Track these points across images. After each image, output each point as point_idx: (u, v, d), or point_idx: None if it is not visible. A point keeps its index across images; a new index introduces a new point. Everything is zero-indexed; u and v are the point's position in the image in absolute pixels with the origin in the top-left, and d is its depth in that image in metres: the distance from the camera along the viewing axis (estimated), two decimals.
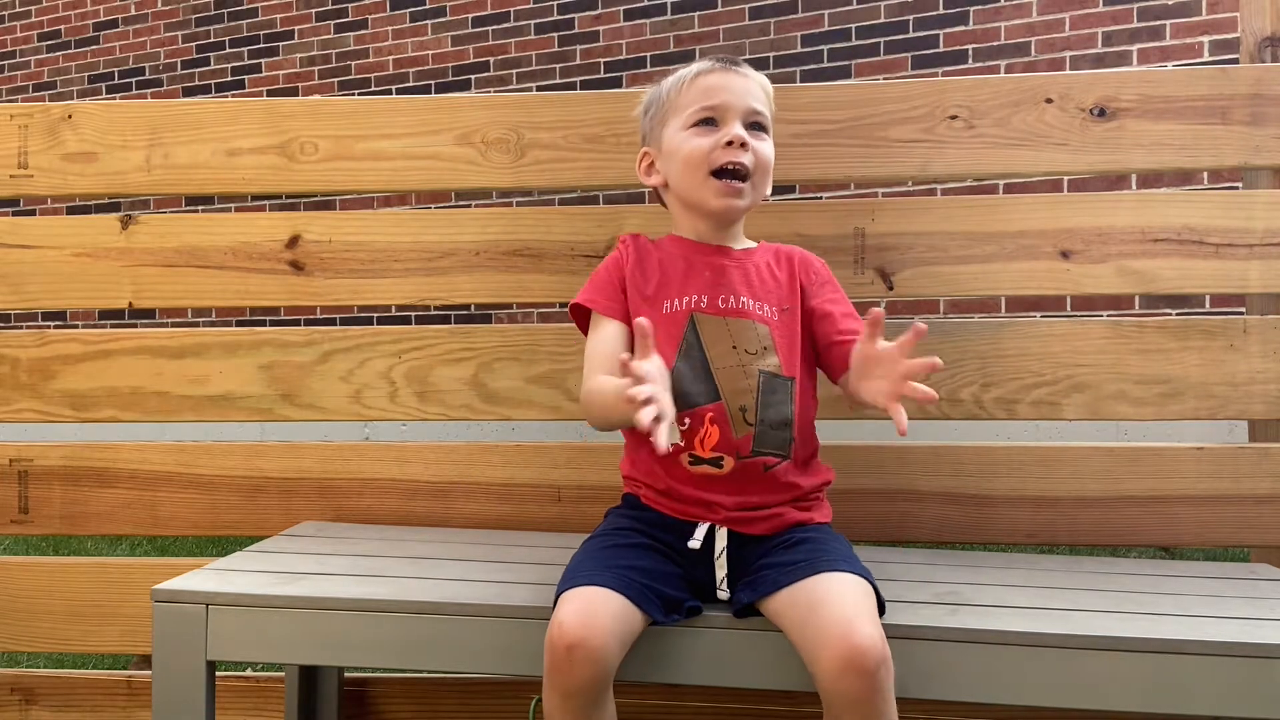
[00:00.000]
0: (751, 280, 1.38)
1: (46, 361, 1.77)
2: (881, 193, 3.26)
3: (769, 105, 1.41)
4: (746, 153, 1.34)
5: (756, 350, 1.33)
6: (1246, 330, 1.61)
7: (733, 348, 1.33)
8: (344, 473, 1.75)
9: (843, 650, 1.07)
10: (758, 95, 1.39)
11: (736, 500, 1.29)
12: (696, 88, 1.38)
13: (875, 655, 1.06)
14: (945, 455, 1.66)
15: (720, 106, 1.36)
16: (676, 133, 1.38)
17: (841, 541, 1.31)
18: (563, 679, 1.10)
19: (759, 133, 1.38)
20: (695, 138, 1.36)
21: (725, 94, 1.36)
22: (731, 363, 1.32)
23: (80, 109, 1.78)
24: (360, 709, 1.78)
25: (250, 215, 1.77)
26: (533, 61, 4.76)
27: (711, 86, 1.37)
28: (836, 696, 1.08)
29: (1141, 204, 1.63)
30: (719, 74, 1.38)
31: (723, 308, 1.35)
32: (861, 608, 1.12)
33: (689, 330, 1.34)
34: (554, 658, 1.10)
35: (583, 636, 1.09)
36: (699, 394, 1.31)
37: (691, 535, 1.28)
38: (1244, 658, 1.14)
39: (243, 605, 1.28)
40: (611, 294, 1.40)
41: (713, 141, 1.35)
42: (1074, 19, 3.88)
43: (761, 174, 1.38)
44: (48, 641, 1.77)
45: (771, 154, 1.39)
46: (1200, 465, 1.62)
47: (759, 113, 1.38)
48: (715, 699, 1.67)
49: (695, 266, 1.38)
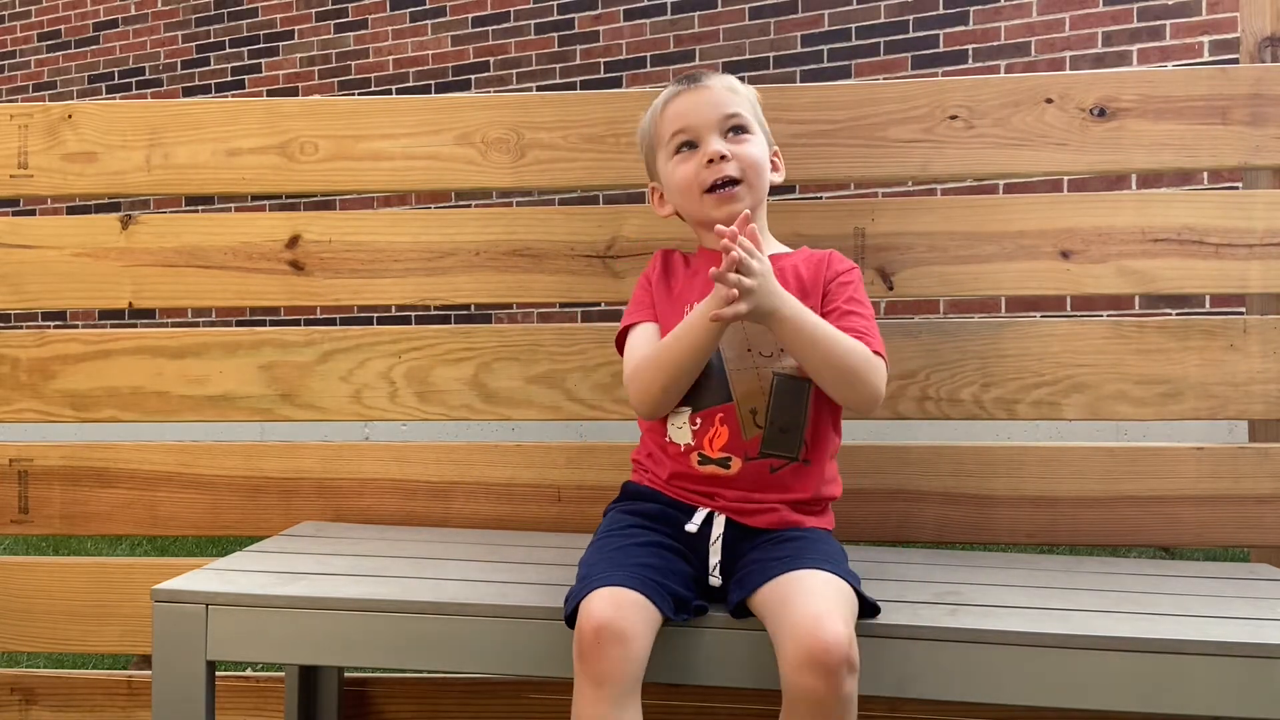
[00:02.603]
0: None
1: (46, 361, 1.77)
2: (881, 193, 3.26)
3: (745, 102, 1.42)
4: (729, 163, 1.37)
5: (771, 353, 1.33)
6: (1246, 330, 1.61)
7: (748, 350, 1.34)
8: (344, 473, 1.75)
9: (807, 644, 1.06)
10: (725, 101, 1.40)
11: (739, 494, 1.31)
12: (668, 117, 1.42)
13: (839, 653, 1.05)
14: (945, 455, 1.66)
15: (692, 128, 1.39)
16: (666, 163, 1.43)
17: (834, 545, 1.31)
18: (593, 665, 1.09)
19: (739, 135, 1.40)
20: (681, 165, 1.40)
21: (693, 114, 1.40)
22: (745, 365, 1.33)
23: (80, 109, 1.78)
24: (360, 709, 1.78)
25: (250, 215, 1.77)
26: (533, 61, 4.76)
27: (680, 111, 1.41)
28: (796, 692, 1.07)
29: (1142, 204, 1.63)
30: (684, 96, 1.42)
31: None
32: (833, 605, 1.12)
33: None
34: (582, 644, 1.10)
35: (612, 618, 1.09)
36: (711, 395, 1.33)
37: (690, 519, 1.29)
38: (1244, 658, 1.14)
39: (243, 605, 1.28)
40: (645, 307, 1.44)
41: (695, 165, 1.38)
42: (1074, 19, 3.88)
43: (753, 173, 1.39)
44: (47, 641, 1.77)
45: (756, 149, 1.40)
46: (1200, 465, 1.61)
47: (732, 116, 1.40)
48: (715, 699, 1.67)
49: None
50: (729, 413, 1.32)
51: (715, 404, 1.33)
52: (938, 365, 1.63)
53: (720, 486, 1.32)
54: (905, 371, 1.64)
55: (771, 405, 1.32)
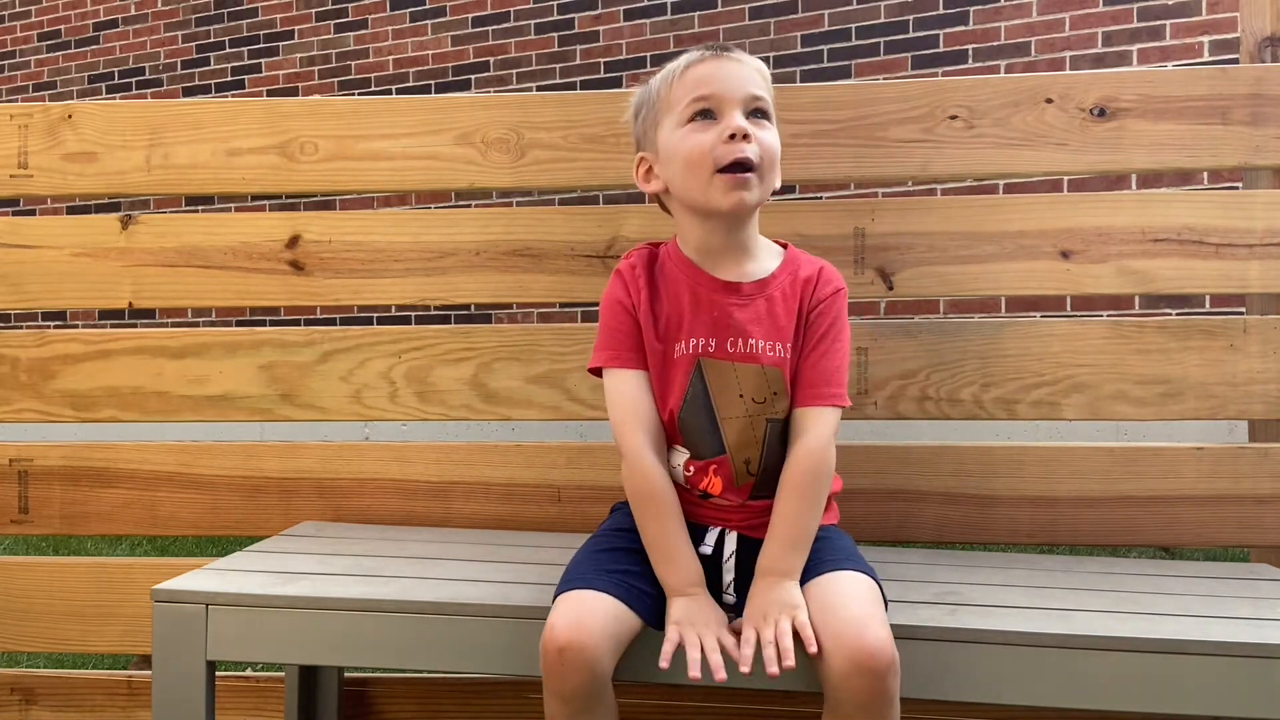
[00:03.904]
0: (762, 315, 1.28)
1: (46, 361, 1.77)
2: (881, 193, 3.26)
3: (769, 90, 1.29)
4: (751, 144, 1.23)
5: (765, 398, 1.27)
6: (1246, 330, 1.61)
7: (739, 396, 1.27)
8: (344, 473, 1.75)
9: (855, 651, 1.07)
10: (755, 80, 1.27)
11: (745, 516, 1.30)
12: (688, 80, 1.26)
13: (886, 657, 1.07)
14: (945, 455, 1.66)
15: (716, 96, 1.24)
16: (673, 131, 1.26)
17: (847, 540, 1.31)
18: (557, 682, 1.10)
19: (761, 120, 1.26)
20: (694, 134, 1.24)
21: (720, 82, 1.25)
22: (738, 413, 1.27)
23: (80, 109, 1.78)
24: (360, 709, 1.78)
25: (250, 215, 1.77)
26: (533, 61, 4.76)
27: (704, 76, 1.25)
28: (845, 696, 1.08)
29: (1142, 204, 1.63)
30: (711, 62, 1.26)
31: (731, 351, 1.27)
32: (873, 609, 1.13)
33: (695, 378, 1.28)
34: (547, 662, 1.11)
35: (572, 638, 1.09)
36: (706, 446, 1.28)
37: (702, 540, 1.27)
38: (1244, 658, 1.14)
39: (243, 605, 1.28)
40: (627, 344, 1.30)
41: (714, 136, 1.23)
42: (1074, 19, 3.87)
43: (769, 165, 1.26)
44: (48, 641, 1.77)
45: (777, 142, 1.28)
46: (1200, 465, 1.61)
47: (759, 98, 1.26)
48: (715, 699, 1.67)
49: (702, 304, 1.29)
50: (723, 464, 1.28)
51: (709, 456, 1.28)
52: (938, 365, 1.63)
53: (726, 513, 1.30)
54: (905, 371, 1.64)
55: (765, 454, 1.28)
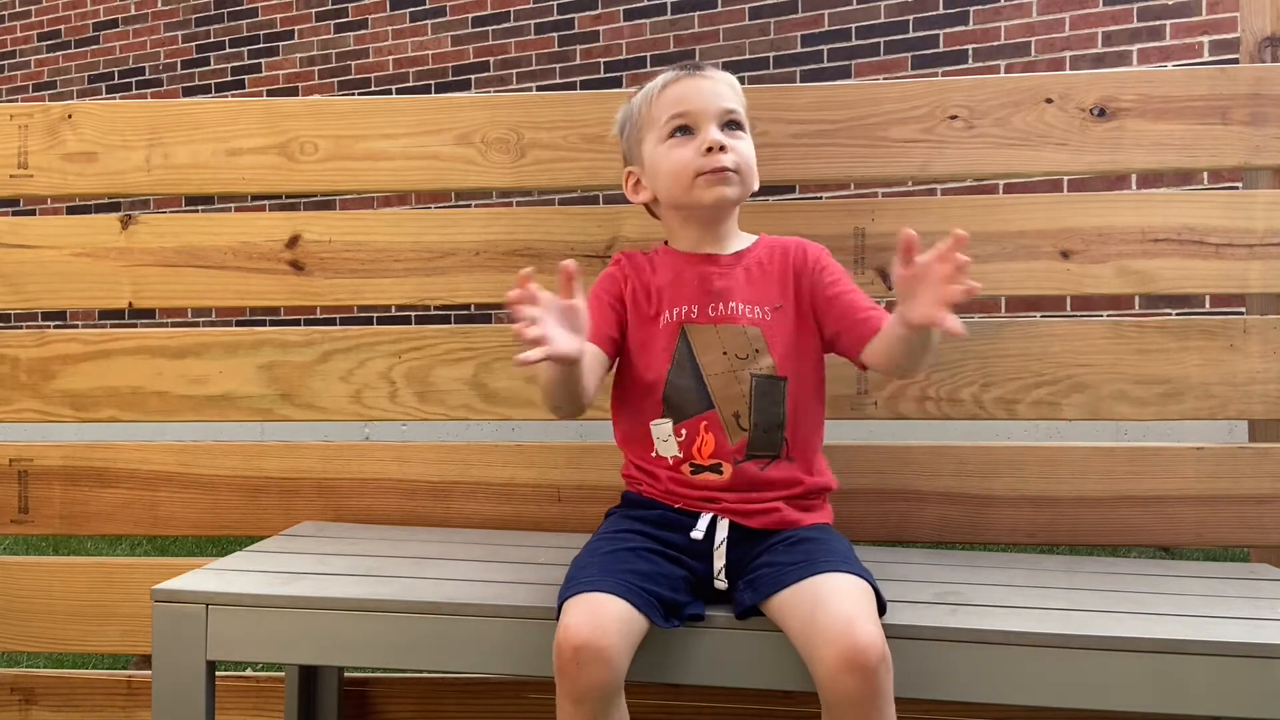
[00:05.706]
0: (740, 283, 1.38)
1: (46, 361, 1.77)
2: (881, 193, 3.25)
3: (741, 101, 1.41)
4: (728, 154, 1.35)
5: (747, 354, 1.34)
6: (1246, 330, 1.61)
7: (723, 354, 1.35)
8: (344, 473, 1.75)
9: (843, 648, 1.08)
10: (728, 95, 1.39)
11: (737, 496, 1.31)
12: (665, 99, 1.39)
13: (875, 654, 1.07)
14: (945, 455, 1.66)
15: (692, 113, 1.37)
16: (655, 147, 1.39)
17: (842, 541, 1.31)
18: (572, 683, 1.10)
19: (735, 131, 1.38)
20: (675, 149, 1.37)
21: (695, 100, 1.37)
22: (723, 369, 1.34)
23: (80, 109, 1.78)
24: (360, 709, 1.78)
25: (250, 215, 1.77)
26: (533, 61, 4.76)
27: (680, 95, 1.38)
28: (836, 695, 1.08)
29: (1141, 204, 1.63)
30: (685, 81, 1.39)
31: (712, 315, 1.36)
32: (862, 607, 1.13)
33: (680, 342, 1.36)
34: (562, 661, 1.10)
35: (590, 638, 1.09)
36: (693, 404, 1.34)
37: (693, 526, 1.29)
38: (1244, 658, 1.14)
39: (243, 605, 1.28)
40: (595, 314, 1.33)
41: (693, 151, 1.35)
42: (1074, 19, 3.87)
43: (747, 170, 1.38)
44: (48, 641, 1.77)
45: (752, 151, 1.39)
46: (1200, 465, 1.61)
47: (732, 111, 1.38)
48: (715, 699, 1.67)
49: (684, 277, 1.39)
50: (712, 420, 1.33)
51: (697, 413, 1.34)
52: (938, 365, 1.63)
53: (718, 491, 1.32)
54: None
55: (753, 407, 1.33)
